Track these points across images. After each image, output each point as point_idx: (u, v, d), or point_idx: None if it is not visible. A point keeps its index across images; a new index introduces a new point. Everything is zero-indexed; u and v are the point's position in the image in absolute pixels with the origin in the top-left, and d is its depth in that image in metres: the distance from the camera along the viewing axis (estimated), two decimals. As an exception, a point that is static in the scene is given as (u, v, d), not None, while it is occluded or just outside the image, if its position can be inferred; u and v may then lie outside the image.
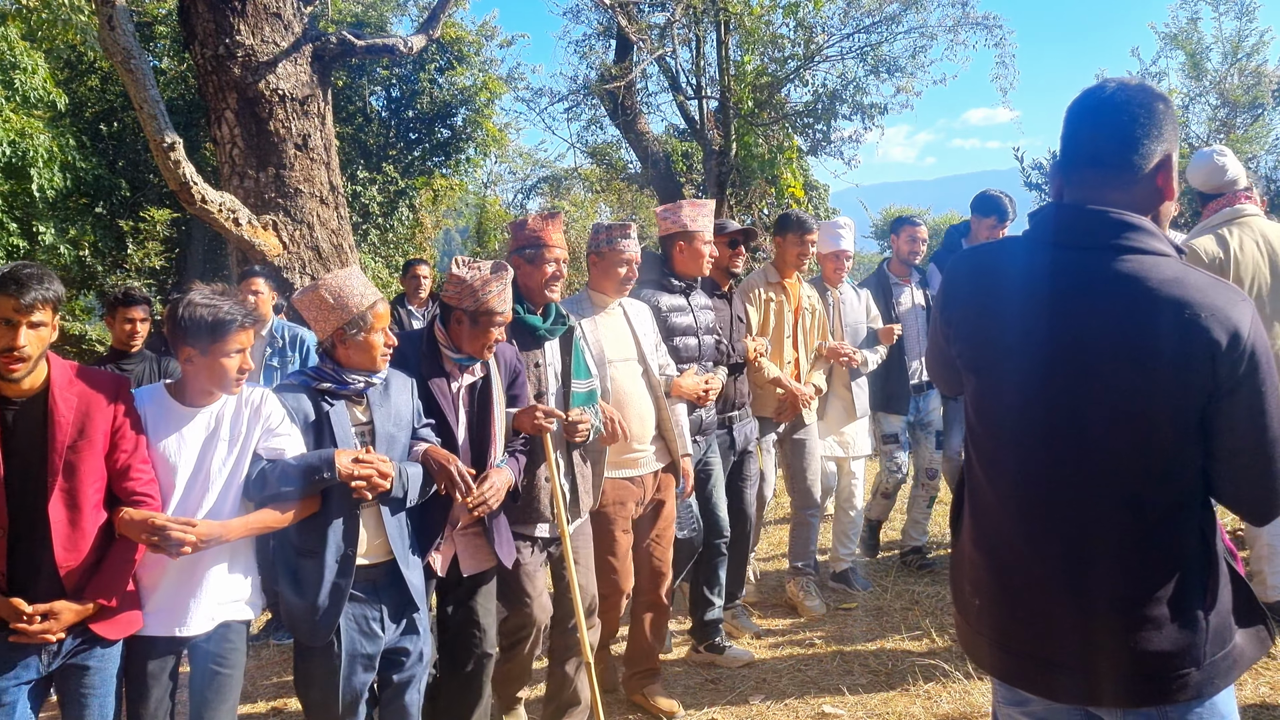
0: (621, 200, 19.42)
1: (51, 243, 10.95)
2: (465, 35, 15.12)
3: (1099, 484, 1.89)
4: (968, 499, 2.14)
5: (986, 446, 2.07)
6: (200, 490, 3.03)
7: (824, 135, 14.34)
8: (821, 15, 13.21)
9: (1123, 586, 1.88)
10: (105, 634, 2.91)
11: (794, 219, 5.65)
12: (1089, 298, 1.88)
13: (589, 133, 16.08)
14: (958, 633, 2.23)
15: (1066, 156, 2.03)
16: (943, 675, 4.63)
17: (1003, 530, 2.02)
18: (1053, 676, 1.95)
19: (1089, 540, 1.91)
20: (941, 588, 5.90)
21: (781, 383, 5.42)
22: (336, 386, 3.24)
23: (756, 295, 5.55)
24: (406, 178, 14.92)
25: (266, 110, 5.89)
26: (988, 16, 13.61)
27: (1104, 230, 1.91)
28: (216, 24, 5.77)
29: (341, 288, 3.22)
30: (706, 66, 13.72)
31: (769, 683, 4.73)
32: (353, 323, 3.20)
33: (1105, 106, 1.97)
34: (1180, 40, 16.02)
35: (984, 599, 2.06)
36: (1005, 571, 2.02)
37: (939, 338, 2.21)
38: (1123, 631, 1.87)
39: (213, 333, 2.95)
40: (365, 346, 3.23)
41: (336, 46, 6.20)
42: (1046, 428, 1.93)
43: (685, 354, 4.70)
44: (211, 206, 5.29)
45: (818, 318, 5.78)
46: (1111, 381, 1.86)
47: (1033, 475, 1.96)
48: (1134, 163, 1.94)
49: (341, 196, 6.27)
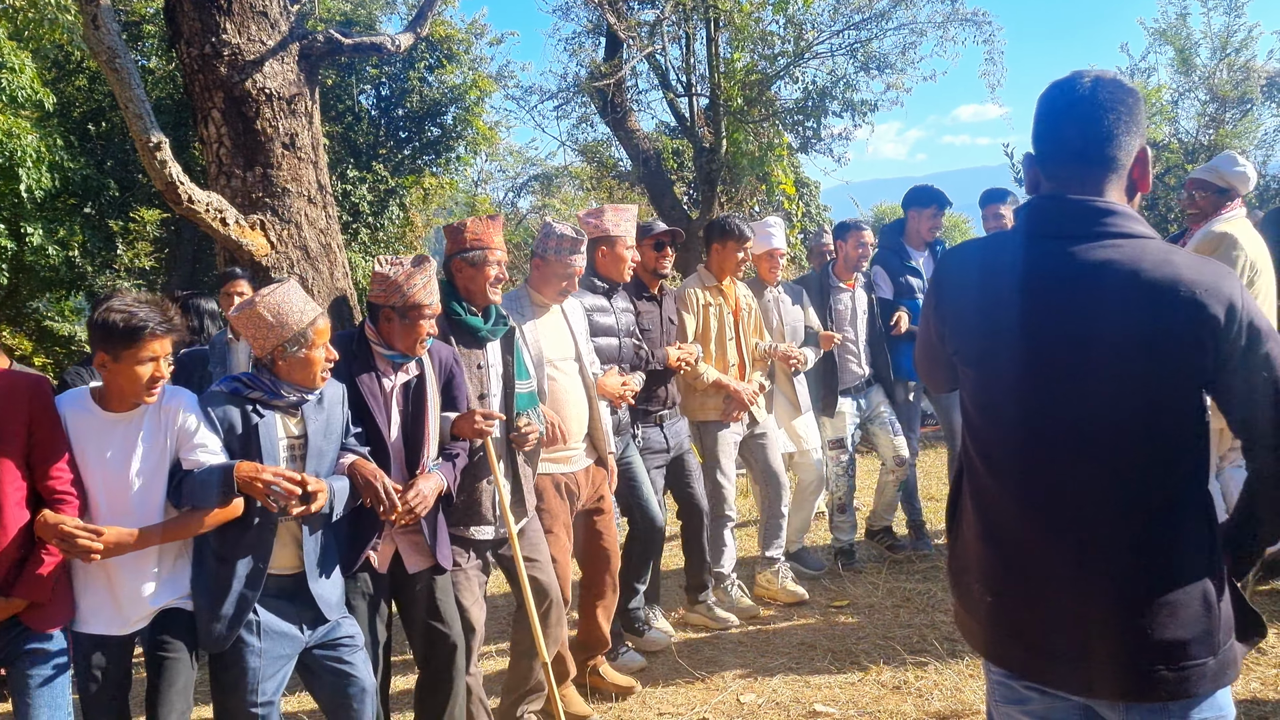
0: (612, 198, 19.39)
1: (40, 243, 10.89)
2: (455, 33, 15.09)
3: (1103, 472, 1.91)
4: (969, 493, 2.14)
5: (986, 440, 2.08)
6: (121, 496, 3.03)
7: (814, 132, 14.32)
8: (811, 12, 13.20)
9: (1134, 575, 1.89)
10: (35, 625, 2.96)
11: (731, 226, 5.66)
12: (1081, 286, 1.91)
13: (579, 130, 16.03)
14: (963, 630, 2.22)
15: (1047, 151, 2.06)
16: (935, 673, 4.63)
17: (1009, 523, 2.03)
18: (1068, 669, 1.95)
19: (1096, 530, 1.91)
20: (933, 584, 5.90)
21: (722, 384, 5.46)
22: (268, 396, 3.21)
23: (693, 301, 5.56)
24: (397, 176, 14.89)
25: (253, 109, 5.85)
26: (977, 13, 13.60)
27: (1088, 219, 1.95)
28: (202, 22, 5.73)
29: (281, 305, 3.19)
30: (696, 64, 13.69)
31: (760, 682, 4.73)
32: (293, 340, 3.18)
33: (1085, 103, 1.99)
34: (1169, 36, 16.02)
35: (994, 594, 2.06)
36: (1014, 565, 2.02)
37: (930, 335, 2.21)
38: (1139, 622, 1.88)
39: (125, 340, 2.92)
40: (306, 363, 3.21)
41: (324, 45, 6.16)
42: (1047, 419, 1.95)
43: (605, 354, 4.80)
44: (199, 206, 5.26)
45: (754, 316, 5.84)
46: (1110, 368, 1.88)
47: (1036, 466, 1.97)
48: (1116, 158, 1.98)
49: (330, 196, 6.24)
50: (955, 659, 4.76)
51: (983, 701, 4.25)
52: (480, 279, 3.88)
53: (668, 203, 14.09)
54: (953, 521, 2.23)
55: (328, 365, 3.27)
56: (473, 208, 20.65)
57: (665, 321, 5.32)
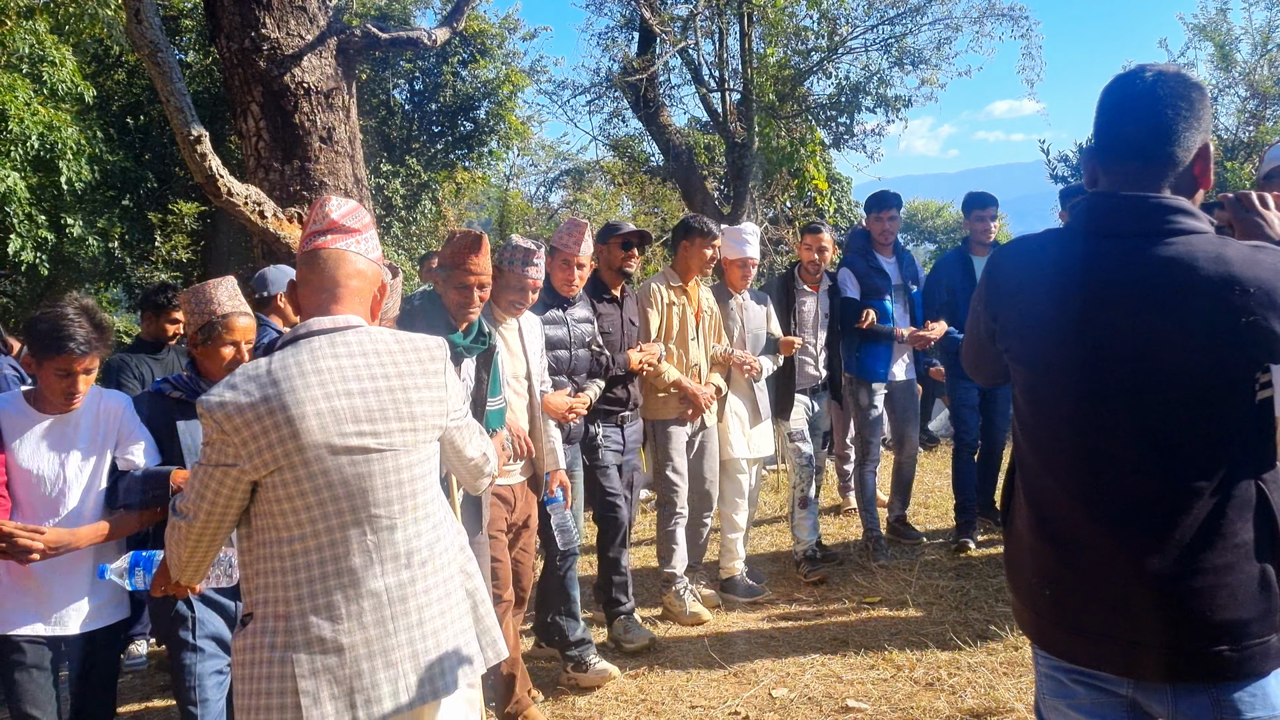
0: (644, 193, 19.40)
1: (80, 234, 11.03)
2: (488, 28, 15.14)
3: (1161, 464, 1.92)
4: (1021, 488, 2.15)
5: (1041, 434, 2.09)
6: (56, 496, 3.05)
7: (847, 128, 14.27)
8: (845, 7, 13.15)
9: (1192, 562, 1.90)
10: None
11: (698, 225, 5.62)
12: (1141, 284, 1.91)
13: (611, 125, 16.06)
14: (1020, 621, 2.22)
15: (1106, 147, 2.05)
16: (968, 669, 4.61)
17: (1064, 516, 2.04)
18: (1128, 654, 1.96)
19: (1153, 520, 1.93)
20: (965, 581, 5.87)
21: (681, 385, 5.42)
22: (187, 396, 3.23)
23: (658, 298, 5.51)
24: (429, 170, 14.98)
25: (291, 103, 5.91)
26: (1014, 8, 13.49)
27: (1148, 215, 1.95)
28: (242, 17, 5.80)
29: (209, 293, 3.27)
30: (729, 59, 13.67)
31: (793, 676, 4.72)
32: (203, 329, 3.24)
33: (1147, 99, 1.99)
34: (1209, 31, 15.83)
35: (1054, 587, 2.07)
36: (1073, 556, 2.03)
37: (981, 331, 2.22)
38: (1197, 605, 1.89)
39: (45, 349, 2.97)
40: (213, 355, 3.26)
41: (361, 39, 6.21)
42: (1106, 414, 1.97)
43: (556, 366, 4.76)
44: (237, 199, 5.32)
45: (714, 320, 5.79)
46: (1170, 364, 1.89)
47: (1094, 461, 1.99)
48: (1176, 155, 1.97)
49: (366, 189, 6.30)
50: (989, 656, 4.74)
51: (1017, 699, 4.24)
52: (452, 296, 3.80)
53: (699, 198, 14.09)
54: (1007, 515, 2.24)
55: (231, 367, 3.21)
56: (504, 202, 20.71)
57: (626, 323, 5.28)
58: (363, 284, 2.37)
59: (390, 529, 2.28)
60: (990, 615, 5.27)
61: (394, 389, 2.30)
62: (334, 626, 2.21)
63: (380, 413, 2.27)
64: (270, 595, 2.23)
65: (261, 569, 2.25)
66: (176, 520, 2.29)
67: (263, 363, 2.22)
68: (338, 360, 2.24)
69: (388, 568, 2.28)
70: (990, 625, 5.10)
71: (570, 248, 4.74)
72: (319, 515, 2.21)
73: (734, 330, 5.90)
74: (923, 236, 40.51)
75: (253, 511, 2.26)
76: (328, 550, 2.23)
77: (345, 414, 2.22)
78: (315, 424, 2.18)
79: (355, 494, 2.23)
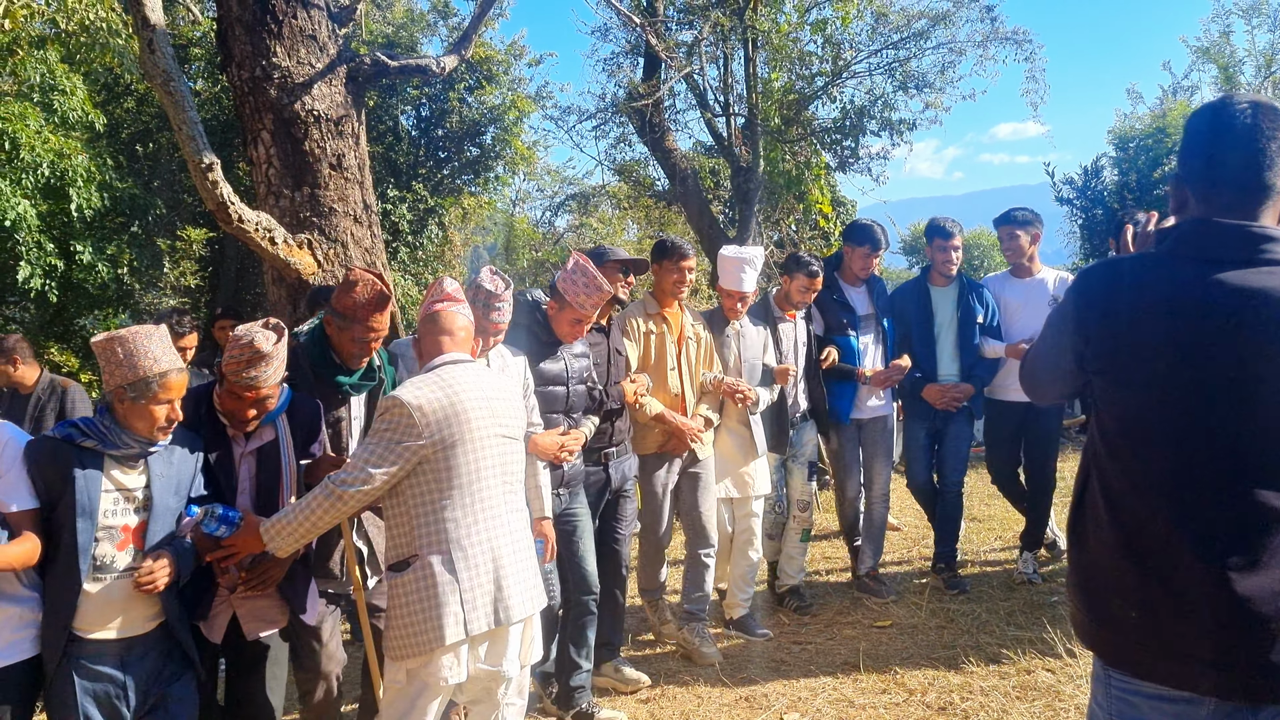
0: (649, 217, 19.45)
1: (89, 261, 11.09)
2: (494, 55, 15.23)
3: (1258, 488, 1.97)
4: (1104, 508, 2.16)
5: (1134, 456, 2.12)
6: None
7: (852, 151, 14.29)
8: (850, 32, 13.19)
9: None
10: None
11: (669, 245, 5.39)
12: (1240, 311, 1.99)
13: (616, 150, 16.07)
14: (1095, 644, 2.21)
15: (1200, 174, 2.13)
16: (980, 694, 4.59)
17: (1158, 537, 2.06)
18: (1221, 676, 1.98)
19: (1249, 543, 1.97)
20: (977, 605, 5.84)
21: (665, 419, 5.17)
22: (101, 445, 3.01)
23: (634, 328, 5.28)
24: (436, 196, 15.03)
25: (302, 131, 5.96)
26: (1017, 31, 13.50)
27: (1245, 244, 2.03)
28: (254, 46, 5.85)
29: (137, 347, 3.00)
30: (734, 84, 13.72)
31: (804, 700, 4.70)
32: (135, 385, 2.98)
33: (1245, 130, 2.06)
34: (1213, 54, 15.91)
35: (1140, 608, 2.08)
36: (1163, 577, 2.05)
37: (1063, 349, 2.25)
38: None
39: None
40: (143, 414, 3.01)
41: (371, 68, 6.27)
42: (1203, 440, 2.02)
43: (550, 403, 4.48)
44: (248, 226, 5.36)
45: (704, 346, 5.51)
46: (1269, 389, 1.96)
47: (1191, 481, 2.03)
48: (1274, 185, 2.06)
49: (375, 215, 6.34)
50: (1002, 680, 4.72)
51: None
52: (343, 342, 3.72)
53: (705, 222, 14.12)
54: (1076, 537, 2.25)
55: (166, 426, 3.06)
56: (510, 227, 20.78)
57: (612, 354, 5.01)
58: (467, 334, 3.43)
59: (513, 492, 3.34)
60: (1002, 639, 5.25)
61: (505, 399, 3.34)
62: (485, 555, 3.15)
63: (505, 414, 3.30)
64: (431, 540, 3.11)
65: (419, 521, 3.13)
66: (343, 490, 3.06)
67: (431, 376, 3.19)
68: (476, 379, 3.25)
69: (512, 518, 3.30)
70: (1003, 649, 5.08)
71: (586, 309, 4.39)
72: (477, 477, 3.17)
73: (729, 359, 5.65)
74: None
75: (405, 484, 3.13)
76: (481, 503, 3.19)
77: (486, 412, 3.21)
78: (474, 417, 3.16)
79: (499, 465, 3.25)
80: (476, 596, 3.10)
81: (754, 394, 5.52)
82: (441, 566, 3.09)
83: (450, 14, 16.00)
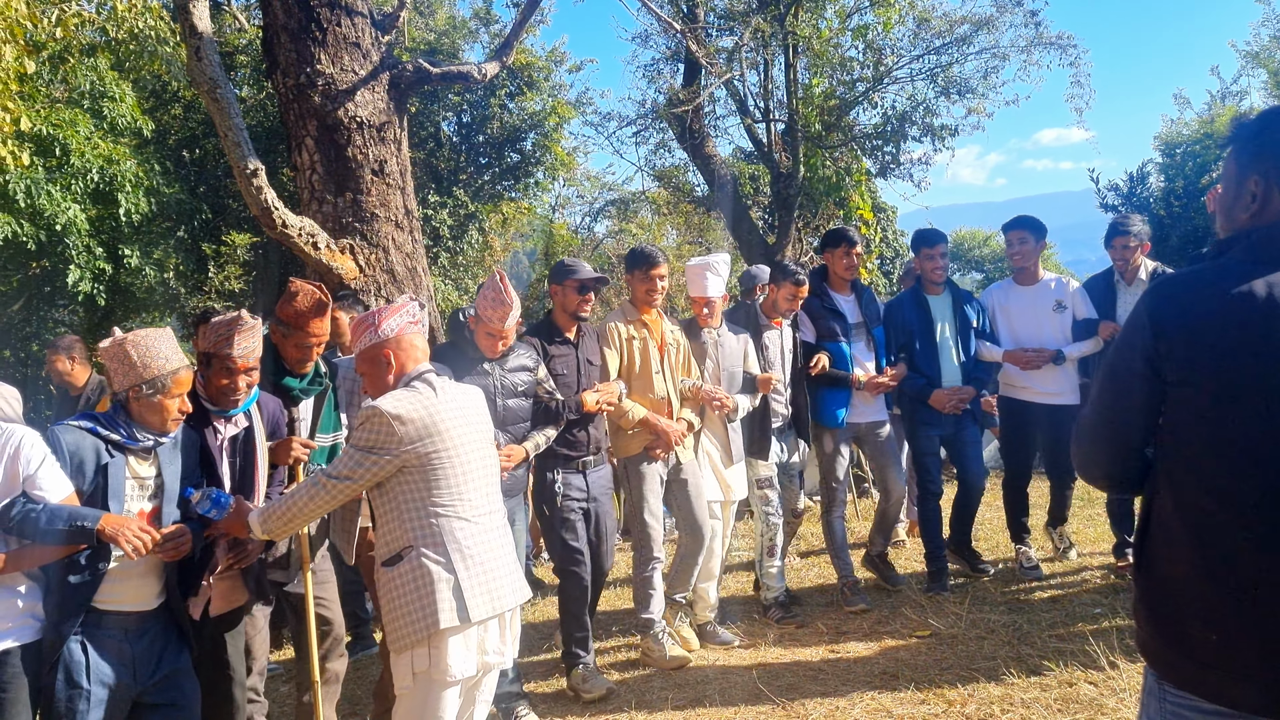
0: (689, 223, 19.46)
1: (137, 265, 11.29)
2: (535, 61, 15.33)
3: None
4: (1179, 529, 2.08)
5: (1219, 474, 2.02)
6: None
7: (893, 157, 14.22)
8: (891, 37, 13.15)
9: None
10: None
11: (639, 254, 5.48)
12: None
13: (656, 156, 16.14)
14: (1162, 666, 2.14)
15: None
16: (1021, 705, 4.53)
17: (1246, 557, 1.97)
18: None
19: None
20: (1017, 616, 5.77)
21: (649, 423, 5.23)
22: (124, 440, 3.24)
23: (615, 335, 5.35)
24: (476, 201, 15.14)
25: (345, 137, 6.03)
26: (1062, 36, 13.39)
27: None
28: (298, 53, 5.93)
29: (149, 348, 3.24)
30: (774, 89, 13.70)
31: (842, 710, 4.67)
32: (150, 383, 3.22)
33: None
34: (1262, 59, 15.67)
35: (1221, 631, 2.00)
36: (1249, 602, 1.96)
37: (1134, 359, 2.15)
38: None
39: None
40: (158, 409, 3.25)
41: (413, 75, 6.33)
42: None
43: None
44: (291, 231, 5.42)
45: (683, 352, 5.59)
46: None
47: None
48: None
49: (416, 221, 6.39)
50: (1043, 692, 4.65)
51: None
52: (288, 350, 4.06)
53: (744, 228, 14.11)
54: (1143, 558, 2.17)
55: (179, 417, 3.33)
56: (549, 233, 20.88)
57: (583, 364, 5.10)
58: (425, 353, 3.53)
59: (493, 490, 3.45)
60: (1044, 650, 5.18)
61: (476, 406, 3.49)
62: (475, 548, 3.26)
63: (477, 420, 3.45)
64: (423, 534, 3.21)
65: (409, 518, 3.22)
66: (332, 482, 3.21)
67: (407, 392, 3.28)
68: (450, 389, 3.40)
69: (495, 514, 3.43)
70: (1044, 660, 5.01)
71: (494, 323, 4.52)
72: (464, 478, 3.29)
73: (707, 366, 5.69)
74: (969, 265, 40.13)
75: (393, 483, 3.24)
76: (465, 500, 3.29)
77: (462, 420, 3.34)
78: (453, 424, 3.28)
79: (481, 466, 3.38)
80: (474, 584, 3.21)
81: (732, 401, 5.61)
82: (436, 555, 3.20)
83: (492, 21, 16.13)
